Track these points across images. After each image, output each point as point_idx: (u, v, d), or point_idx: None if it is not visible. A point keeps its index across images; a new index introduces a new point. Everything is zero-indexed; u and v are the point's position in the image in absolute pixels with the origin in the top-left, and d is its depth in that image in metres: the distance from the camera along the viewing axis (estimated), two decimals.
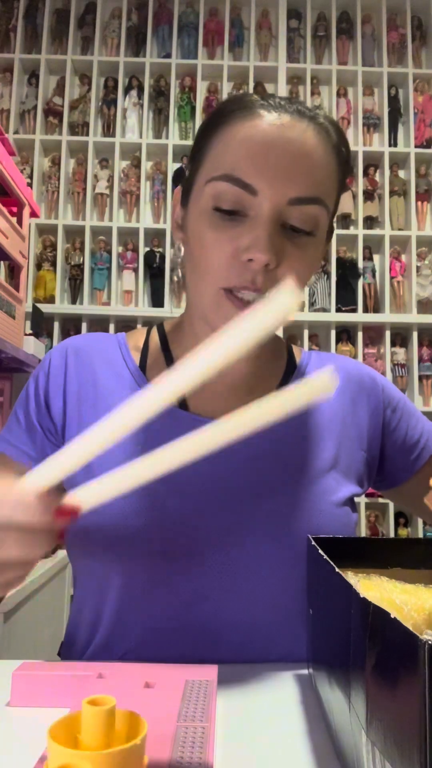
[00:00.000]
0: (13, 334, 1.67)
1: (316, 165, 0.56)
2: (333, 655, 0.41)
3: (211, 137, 0.59)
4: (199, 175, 0.59)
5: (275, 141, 0.55)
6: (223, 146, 0.57)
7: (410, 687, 0.26)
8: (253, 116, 0.56)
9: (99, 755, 0.32)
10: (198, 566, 0.61)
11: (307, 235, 0.57)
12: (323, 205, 0.57)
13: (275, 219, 0.55)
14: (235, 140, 0.56)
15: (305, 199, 0.55)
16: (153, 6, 3.15)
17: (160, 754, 0.39)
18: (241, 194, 0.55)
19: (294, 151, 0.55)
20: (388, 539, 0.54)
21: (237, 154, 0.55)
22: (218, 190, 0.56)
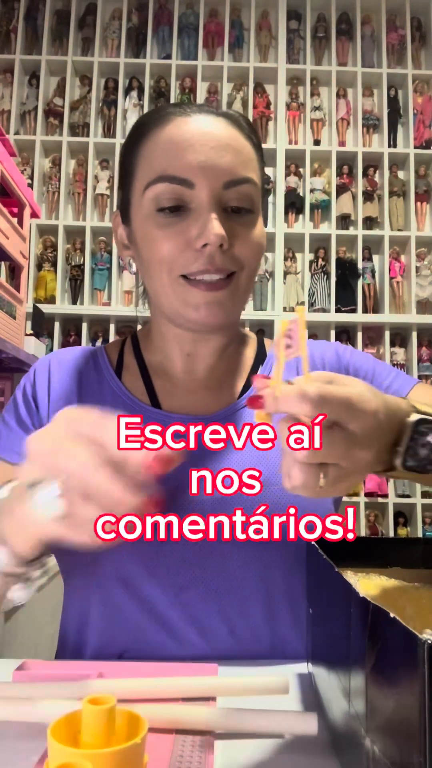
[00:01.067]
0: (13, 335, 1.67)
1: (237, 149, 0.61)
2: (333, 654, 0.41)
3: (137, 152, 0.63)
4: (133, 189, 0.63)
5: (197, 135, 0.59)
6: (151, 154, 0.61)
7: (410, 687, 0.26)
8: (170, 121, 0.61)
9: (99, 754, 0.32)
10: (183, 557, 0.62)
11: (248, 213, 0.61)
12: (253, 183, 0.61)
13: (216, 204, 0.59)
14: (161, 145, 0.60)
15: (238, 181, 0.60)
16: (153, 7, 3.15)
17: (161, 753, 0.39)
18: (178, 190, 0.59)
19: (216, 140, 0.59)
20: (388, 539, 0.54)
21: (166, 155, 0.60)
22: (157, 192, 0.59)
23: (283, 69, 3.12)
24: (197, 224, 0.58)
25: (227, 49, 3.14)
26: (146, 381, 0.69)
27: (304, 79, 3.15)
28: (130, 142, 0.65)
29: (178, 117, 0.61)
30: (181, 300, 0.61)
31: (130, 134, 0.65)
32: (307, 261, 3.04)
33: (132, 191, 0.64)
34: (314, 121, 3.15)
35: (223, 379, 0.69)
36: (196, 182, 0.58)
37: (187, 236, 0.59)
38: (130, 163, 0.64)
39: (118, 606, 0.62)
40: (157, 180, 0.59)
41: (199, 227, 0.58)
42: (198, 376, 0.68)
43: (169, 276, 0.60)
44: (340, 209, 3.09)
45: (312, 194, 3.08)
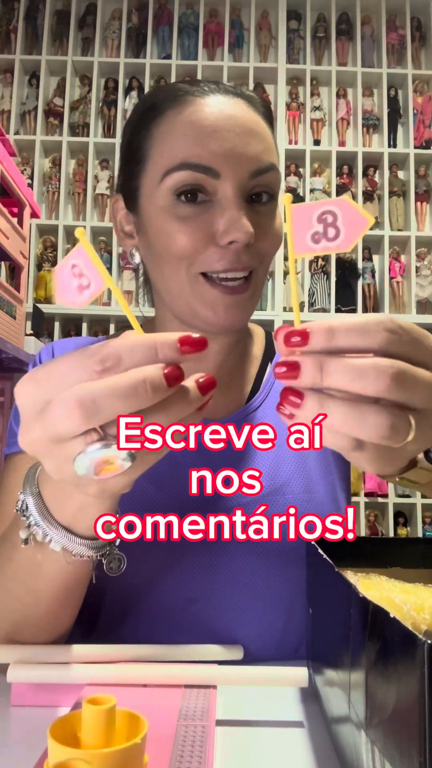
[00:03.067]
0: (13, 334, 1.67)
1: (260, 134, 0.57)
2: (333, 654, 0.41)
3: (149, 134, 0.58)
4: (145, 175, 0.58)
5: (220, 121, 0.55)
6: (169, 137, 0.56)
7: (410, 687, 0.26)
8: (188, 102, 0.56)
9: (99, 754, 0.32)
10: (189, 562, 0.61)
11: (270, 201, 0.58)
12: (276, 169, 0.58)
13: (242, 195, 0.55)
14: (182, 128, 0.55)
15: (264, 169, 0.56)
16: (153, 7, 3.15)
17: (161, 752, 0.39)
18: (203, 179, 0.54)
19: (239, 126, 0.55)
20: (388, 539, 0.54)
21: (189, 140, 0.55)
22: (177, 180, 0.55)
23: (283, 69, 3.12)
24: (224, 218, 0.54)
25: (227, 49, 3.14)
26: None
27: (304, 79, 3.15)
28: (140, 122, 0.59)
29: (197, 97, 0.56)
30: (199, 299, 0.57)
31: (138, 114, 0.60)
32: (307, 261, 3.04)
33: (143, 177, 0.58)
34: (314, 121, 3.15)
35: (230, 379, 0.67)
36: (222, 172, 0.54)
37: (211, 231, 0.54)
38: (140, 146, 0.59)
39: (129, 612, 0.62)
40: (179, 167, 0.54)
41: (226, 222, 0.53)
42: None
43: (187, 273, 0.56)
44: None
45: (312, 194, 3.08)
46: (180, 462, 0.62)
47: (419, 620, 0.40)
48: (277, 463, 0.64)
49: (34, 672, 0.49)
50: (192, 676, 0.49)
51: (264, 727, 0.46)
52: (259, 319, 2.96)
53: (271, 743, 0.44)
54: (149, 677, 0.49)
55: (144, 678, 0.48)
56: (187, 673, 0.49)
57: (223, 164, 0.54)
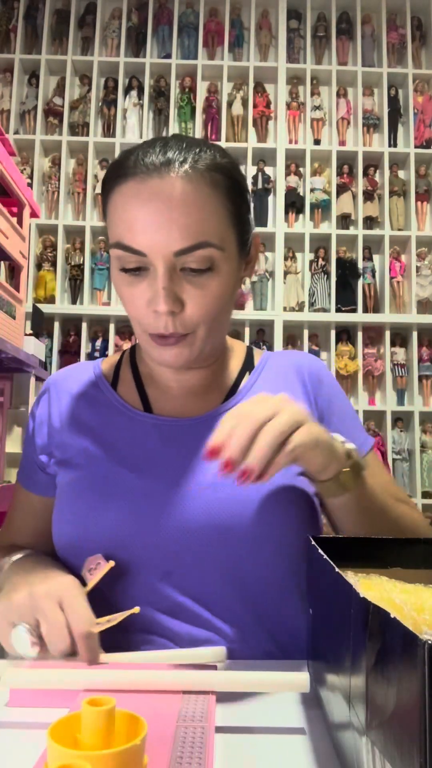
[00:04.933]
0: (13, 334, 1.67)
1: (191, 212, 0.60)
2: (333, 655, 0.41)
3: (106, 206, 0.65)
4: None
5: (145, 205, 0.60)
6: (110, 216, 0.64)
7: (410, 687, 0.26)
8: (125, 184, 0.61)
9: (99, 755, 0.32)
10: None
11: (206, 272, 0.62)
12: (210, 245, 0.61)
13: (168, 271, 0.61)
14: (116, 210, 0.62)
15: (189, 248, 0.60)
16: (153, 6, 3.15)
17: (160, 754, 0.39)
18: (134, 257, 0.61)
19: (165, 208, 0.59)
20: (388, 539, 0.54)
21: (119, 224, 0.62)
22: (117, 255, 0.63)
23: (283, 68, 3.12)
24: (151, 290, 0.62)
25: (227, 49, 3.14)
26: (140, 389, 0.74)
27: (305, 79, 3.14)
28: (102, 192, 0.66)
29: (134, 181, 0.60)
30: (146, 347, 0.67)
31: (103, 180, 0.67)
32: (307, 261, 3.04)
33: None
34: (314, 121, 3.14)
35: (210, 385, 0.73)
36: (148, 253, 0.60)
37: (144, 299, 0.62)
38: (104, 213, 0.66)
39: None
40: (115, 246, 0.62)
41: (152, 293, 0.61)
42: (187, 384, 0.72)
43: (138, 328, 0.66)
44: (340, 209, 3.08)
45: (312, 194, 3.08)
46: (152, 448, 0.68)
47: (420, 621, 0.40)
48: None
49: (31, 677, 0.49)
50: (190, 682, 0.49)
51: (264, 727, 0.46)
52: (259, 319, 2.97)
53: (271, 744, 0.44)
54: (147, 683, 0.49)
55: (142, 683, 0.48)
56: (185, 679, 0.49)
57: (146, 246, 0.60)
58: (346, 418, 0.75)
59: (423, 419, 2.95)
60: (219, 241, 0.62)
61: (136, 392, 0.73)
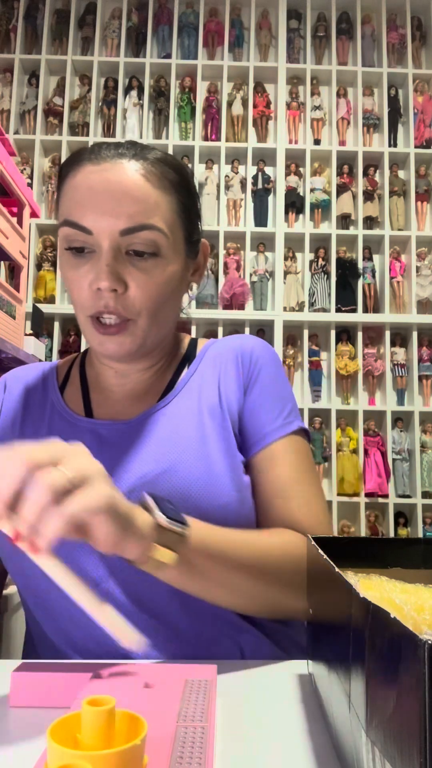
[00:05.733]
0: (13, 334, 1.67)
1: (139, 197, 0.63)
2: (333, 655, 0.41)
3: (59, 191, 0.68)
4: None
5: (100, 185, 0.63)
6: (63, 197, 0.66)
7: (410, 687, 0.26)
8: (79, 168, 0.64)
9: (99, 755, 0.32)
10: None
11: (151, 257, 0.64)
12: (155, 228, 0.63)
13: (113, 250, 0.62)
14: (69, 191, 0.65)
15: (134, 228, 0.62)
16: (153, 6, 3.15)
17: (160, 754, 0.38)
18: (81, 235, 0.63)
19: (115, 189, 0.62)
20: (388, 539, 0.54)
21: (70, 201, 0.64)
22: (65, 233, 0.64)
23: (283, 68, 3.12)
24: (94, 269, 0.63)
25: (227, 49, 3.14)
26: (84, 393, 0.74)
27: (305, 79, 3.14)
28: (58, 178, 0.69)
29: (89, 164, 0.64)
30: (89, 335, 0.67)
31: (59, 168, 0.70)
32: (307, 261, 3.04)
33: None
34: (314, 121, 3.14)
35: (149, 386, 0.73)
36: (93, 229, 0.62)
37: (88, 279, 0.63)
38: (57, 197, 0.69)
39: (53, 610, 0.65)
40: (63, 223, 0.64)
41: (95, 272, 0.62)
42: (128, 387, 0.73)
43: (81, 314, 0.66)
44: (340, 209, 3.08)
45: (312, 194, 3.08)
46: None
47: (420, 621, 0.40)
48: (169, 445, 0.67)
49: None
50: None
51: (264, 727, 0.46)
52: (258, 319, 2.97)
53: (271, 744, 0.44)
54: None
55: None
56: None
57: (93, 223, 0.62)
58: (267, 394, 0.71)
59: (423, 419, 2.95)
60: (165, 227, 0.64)
61: (80, 396, 0.74)
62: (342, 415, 2.98)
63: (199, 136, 3.10)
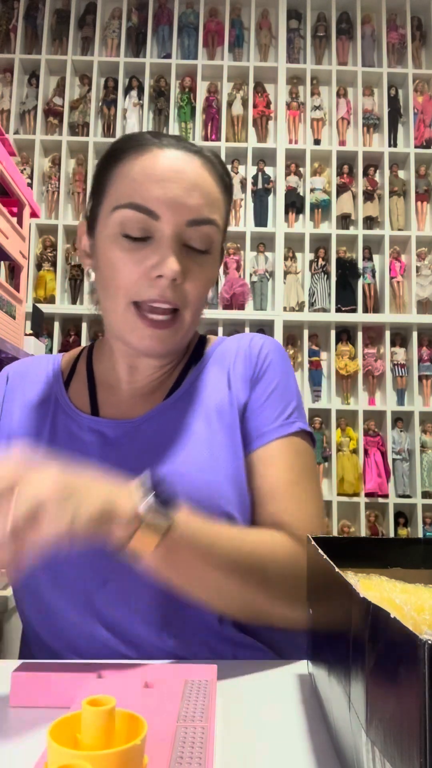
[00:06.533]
0: (13, 334, 1.67)
1: (205, 191, 0.63)
2: (333, 655, 0.41)
3: (111, 172, 0.65)
4: (102, 207, 0.66)
5: (169, 171, 0.62)
6: (124, 179, 0.63)
7: (410, 687, 0.26)
8: (147, 151, 0.63)
9: (99, 755, 0.32)
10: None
11: (203, 254, 0.65)
12: (216, 225, 0.64)
13: (177, 239, 0.62)
14: (135, 172, 0.63)
15: (200, 221, 0.63)
16: (153, 6, 3.15)
17: (160, 754, 0.38)
18: (144, 219, 0.62)
19: (186, 180, 0.62)
20: (388, 539, 0.54)
21: (138, 184, 0.62)
22: (124, 216, 0.62)
23: (283, 68, 3.12)
24: (157, 255, 0.61)
25: (227, 49, 3.14)
26: (91, 390, 0.73)
27: (305, 79, 3.14)
28: (106, 160, 0.67)
29: (155, 148, 0.63)
30: (127, 325, 0.64)
31: (106, 153, 0.68)
32: (307, 261, 3.04)
33: (100, 208, 0.66)
34: (314, 121, 3.14)
35: (158, 384, 0.72)
36: (161, 215, 0.61)
37: (145, 265, 0.62)
38: (102, 181, 0.66)
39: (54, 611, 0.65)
40: (126, 206, 0.62)
41: (159, 257, 0.61)
42: (138, 385, 0.71)
43: (123, 299, 0.63)
44: (340, 209, 3.08)
45: (312, 194, 3.08)
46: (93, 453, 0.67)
47: (420, 621, 0.40)
48: (174, 447, 0.66)
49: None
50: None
51: (264, 727, 0.46)
52: (259, 319, 2.97)
53: (271, 744, 0.44)
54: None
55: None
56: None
57: (163, 209, 0.61)
58: (271, 392, 0.69)
59: (423, 419, 2.95)
60: (221, 225, 0.65)
61: (86, 393, 0.72)
62: (342, 415, 2.98)
63: (199, 136, 3.10)
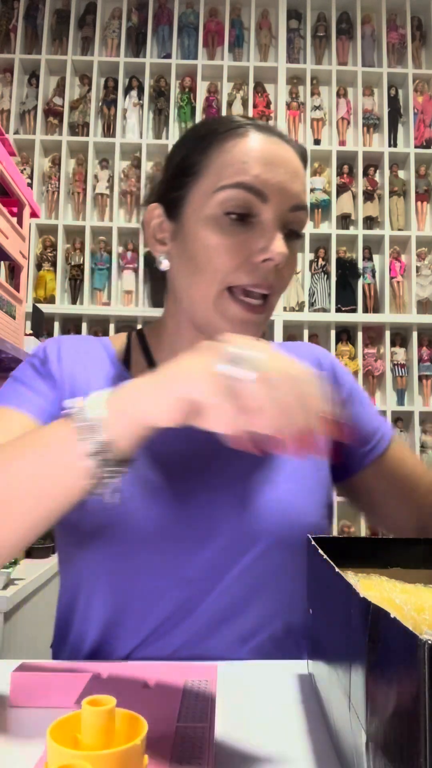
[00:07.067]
0: (13, 334, 1.67)
1: (300, 179, 0.65)
2: (333, 655, 0.41)
3: (207, 153, 0.63)
4: (196, 188, 0.63)
5: (275, 156, 0.62)
6: (228, 159, 0.62)
7: (410, 687, 0.26)
8: (248, 134, 0.63)
9: (99, 755, 0.32)
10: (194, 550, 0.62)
11: (296, 239, 0.65)
12: (307, 214, 0.66)
13: (281, 224, 0.62)
14: (241, 153, 0.61)
15: (301, 206, 0.64)
16: (153, 6, 3.15)
17: (160, 754, 0.38)
18: (251, 201, 0.60)
19: (288, 166, 0.63)
20: (388, 539, 0.54)
21: (248, 166, 0.61)
22: (231, 196, 0.60)
23: (283, 68, 3.12)
24: (264, 238, 0.60)
25: (227, 49, 3.14)
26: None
27: (304, 79, 3.14)
28: (198, 142, 0.65)
29: (257, 132, 0.63)
30: (220, 311, 0.62)
31: (194, 135, 0.66)
32: (308, 261, 3.04)
33: (193, 189, 0.63)
34: (314, 121, 3.14)
35: None
36: (270, 198, 0.60)
37: (249, 248, 0.60)
38: (195, 162, 0.64)
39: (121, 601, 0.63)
40: (234, 185, 0.60)
41: (266, 241, 0.60)
42: None
43: (219, 284, 0.61)
44: (340, 209, 3.08)
45: (312, 194, 3.07)
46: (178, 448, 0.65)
47: (420, 621, 0.40)
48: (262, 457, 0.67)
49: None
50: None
51: (264, 727, 0.46)
52: None
53: (271, 744, 0.44)
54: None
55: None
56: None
57: (273, 191, 0.61)
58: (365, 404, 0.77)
59: (423, 419, 2.95)
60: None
61: None
62: None
63: None
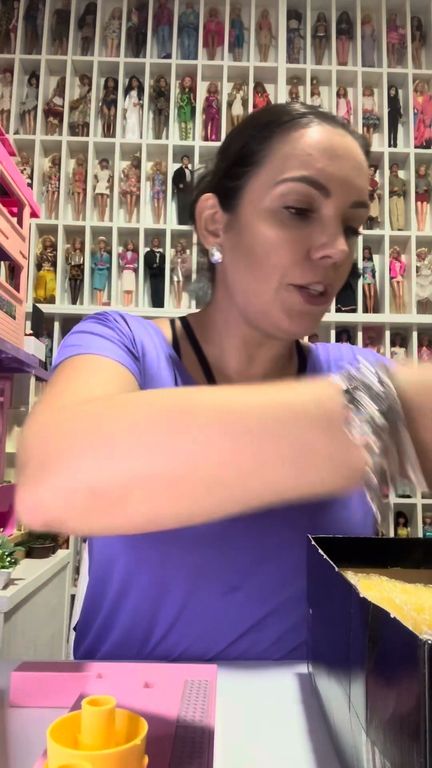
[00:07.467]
0: (13, 334, 1.67)
1: (365, 173, 0.62)
2: (333, 655, 0.41)
3: (268, 143, 0.61)
4: (255, 178, 0.61)
5: (340, 149, 0.59)
6: (292, 150, 0.59)
7: (410, 687, 0.26)
8: (313, 124, 0.60)
9: (99, 755, 0.32)
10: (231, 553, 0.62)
11: (354, 235, 0.62)
12: (368, 209, 0.63)
13: (342, 220, 0.60)
14: (307, 145, 0.59)
15: (362, 203, 0.61)
16: (153, 6, 3.15)
17: (160, 754, 0.38)
18: (314, 195, 0.58)
19: (353, 159, 0.60)
20: (388, 539, 0.54)
21: (311, 158, 0.58)
22: (292, 189, 0.58)
23: (283, 68, 3.12)
24: (324, 234, 0.58)
25: (227, 49, 3.14)
26: (207, 375, 0.67)
27: (305, 79, 3.14)
28: (257, 131, 0.62)
29: (321, 122, 0.60)
30: (279, 304, 0.60)
31: (256, 123, 0.63)
32: None
33: (251, 180, 0.61)
34: None
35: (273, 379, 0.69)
36: (334, 193, 0.58)
37: (309, 243, 0.58)
38: (255, 151, 0.61)
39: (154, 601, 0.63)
40: (298, 179, 0.58)
41: (327, 238, 0.58)
42: (250, 381, 0.67)
43: (277, 281, 0.59)
44: None
45: None
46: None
47: (420, 621, 0.40)
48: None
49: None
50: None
51: (264, 727, 0.46)
52: None
53: (272, 744, 0.44)
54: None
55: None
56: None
57: (336, 186, 0.58)
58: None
59: None
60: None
61: (202, 374, 0.67)
62: None
63: (199, 137, 3.10)
